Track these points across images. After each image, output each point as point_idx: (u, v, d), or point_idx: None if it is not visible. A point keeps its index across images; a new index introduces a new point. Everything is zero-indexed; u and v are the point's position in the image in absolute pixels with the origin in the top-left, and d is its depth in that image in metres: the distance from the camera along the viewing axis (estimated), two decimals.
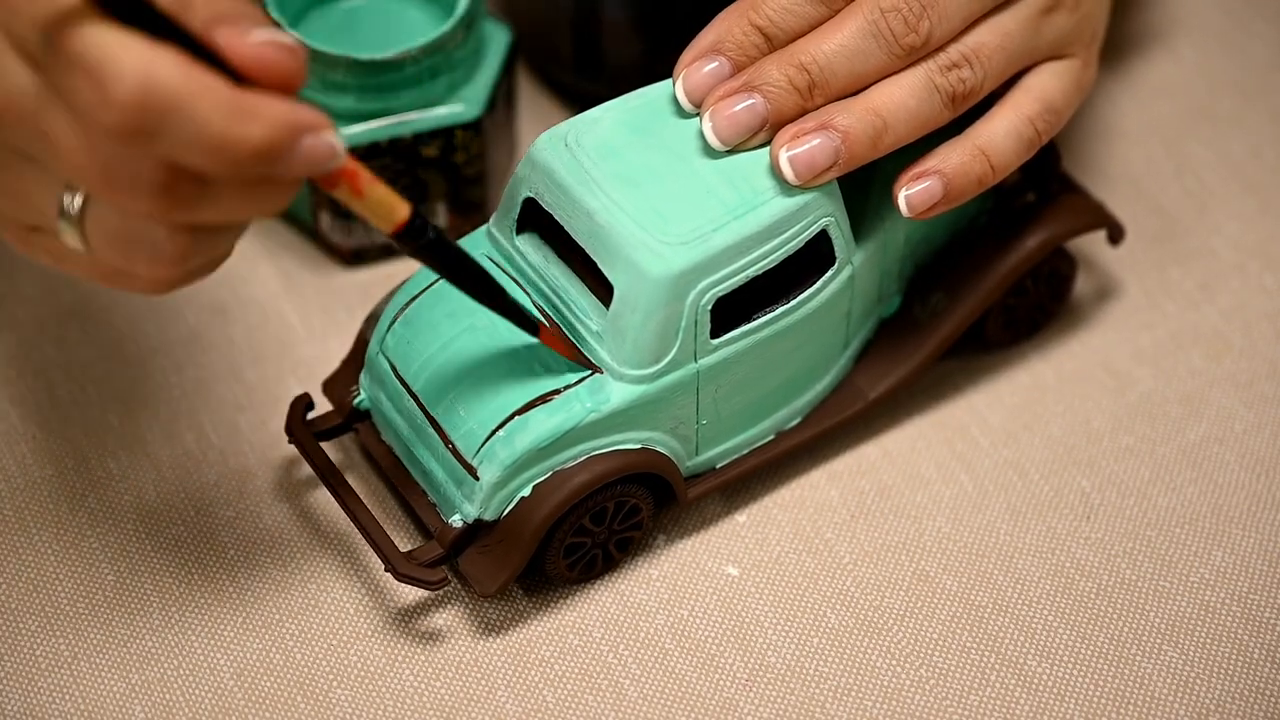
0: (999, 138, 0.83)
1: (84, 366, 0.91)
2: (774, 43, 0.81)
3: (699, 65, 0.81)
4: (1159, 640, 0.83)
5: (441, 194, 0.93)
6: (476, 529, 0.81)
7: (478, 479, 0.80)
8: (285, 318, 0.93)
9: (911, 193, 0.82)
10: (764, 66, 0.80)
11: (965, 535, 0.86)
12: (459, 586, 0.84)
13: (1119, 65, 1.04)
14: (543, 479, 0.80)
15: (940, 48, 0.81)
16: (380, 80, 0.89)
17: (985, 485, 0.88)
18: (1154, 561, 0.86)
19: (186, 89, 0.65)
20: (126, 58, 0.65)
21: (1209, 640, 0.83)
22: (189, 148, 0.66)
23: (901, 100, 0.80)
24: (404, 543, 0.85)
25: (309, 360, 0.91)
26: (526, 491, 0.81)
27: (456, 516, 0.81)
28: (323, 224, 0.94)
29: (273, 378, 0.91)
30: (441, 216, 0.94)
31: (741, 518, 0.87)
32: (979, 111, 0.84)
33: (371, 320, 0.86)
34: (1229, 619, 0.84)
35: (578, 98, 1.00)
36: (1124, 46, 1.04)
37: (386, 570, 0.81)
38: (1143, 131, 1.01)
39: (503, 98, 0.94)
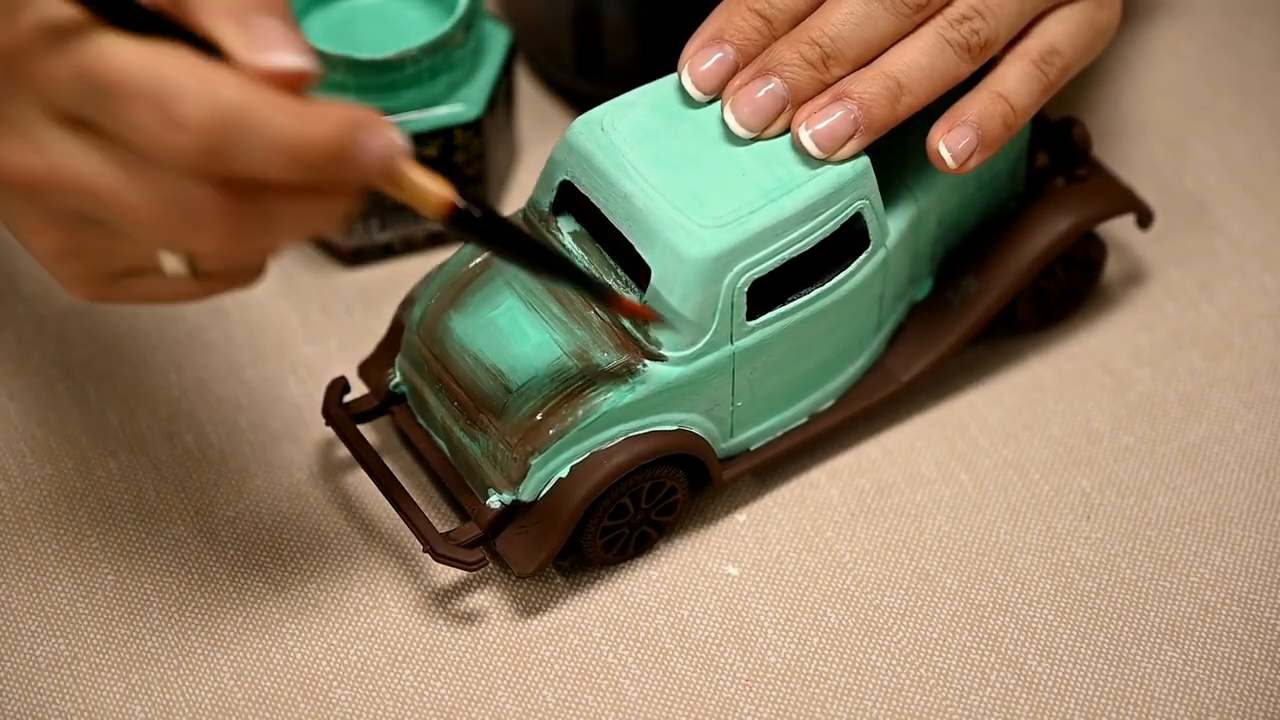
0: (1010, 81, 0.83)
1: (84, 366, 0.91)
2: (774, 26, 0.82)
3: (704, 56, 0.81)
4: (1159, 640, 0.83)
5: None
6: (514, 510, 0.82)
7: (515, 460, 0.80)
8: (285, 318, 0.93)
9: (949, 140, 0.82)
10: (775, 49, 0.81)
11: (965, 534, 0.86)
12: (458, 586, 0.84)
13: (1120, 65, 1.04)
14: (580, 460, 0.81)
15: (948, 3, 0.82)
16: (380, 80, 0.89)
17: (985, 485, 0.88)
18: (1154, 561, 0.86)
19: (251, 98, 0.64)
20: (185, 78, 0.63)
21: (1209, 640, 0.83)
22: (262, 157, 0.64)
23: (914, 60, 0.81)
24: (440, 525, 0.86)
25: (309, 360, 0.91)
26: (564, 473, 0.81)
27: (494, 497, 0.82)
28: None
29: (273, 378, 0.91)
30: None
31: (741, 517, 0.87)
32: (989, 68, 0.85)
33: (407, 303, 0.86)
34: (1229, 619, 0.84)
35: (578, 98, 1.00)
36: (1124, 46, 1.04)
37: (425, 551, 0.81)
38: (1143, 131, 1.01)
39: (503, 98, 0.94)
